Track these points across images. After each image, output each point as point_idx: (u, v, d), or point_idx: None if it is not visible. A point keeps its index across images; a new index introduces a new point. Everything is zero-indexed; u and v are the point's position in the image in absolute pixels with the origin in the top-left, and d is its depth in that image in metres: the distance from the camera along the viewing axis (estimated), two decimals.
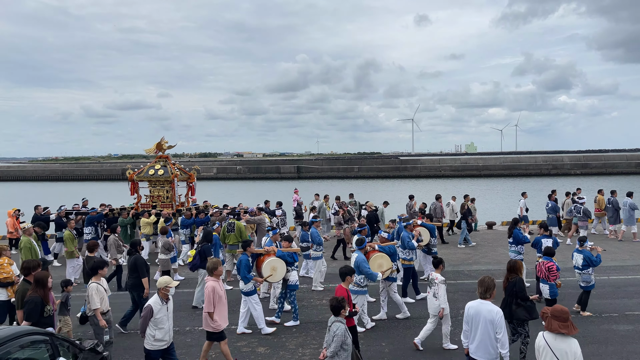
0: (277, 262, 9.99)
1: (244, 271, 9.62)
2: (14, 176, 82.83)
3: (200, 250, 11.22)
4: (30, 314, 6.92)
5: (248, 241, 10.23)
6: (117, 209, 17.78)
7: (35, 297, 7.02)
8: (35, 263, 8.14)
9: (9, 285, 9.22)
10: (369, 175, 70.96)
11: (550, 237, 11.52)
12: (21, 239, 12.06)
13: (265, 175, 75.23)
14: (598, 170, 66.40)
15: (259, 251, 10.37)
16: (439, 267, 8.91)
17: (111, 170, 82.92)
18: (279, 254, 10.13)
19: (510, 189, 47.19)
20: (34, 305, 6.95)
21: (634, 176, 60.33)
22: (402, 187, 50.94)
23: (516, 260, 8.26)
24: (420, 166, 73.58)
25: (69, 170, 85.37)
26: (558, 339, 5.14)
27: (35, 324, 6.85)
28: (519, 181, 57.78)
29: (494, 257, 16.22)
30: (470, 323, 6.12)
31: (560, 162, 70.71)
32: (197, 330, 9.89)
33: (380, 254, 10.11)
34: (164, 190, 18.04)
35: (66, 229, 14.68)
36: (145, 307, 6.96)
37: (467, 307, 6.24)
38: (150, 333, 6.96)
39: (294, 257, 10.36)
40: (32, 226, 12.82)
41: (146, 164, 19.06)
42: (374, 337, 9.39)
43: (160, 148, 18.65)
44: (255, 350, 8.88)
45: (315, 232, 13.19)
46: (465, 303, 6.47)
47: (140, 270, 9.82)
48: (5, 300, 9.21)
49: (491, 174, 68.02)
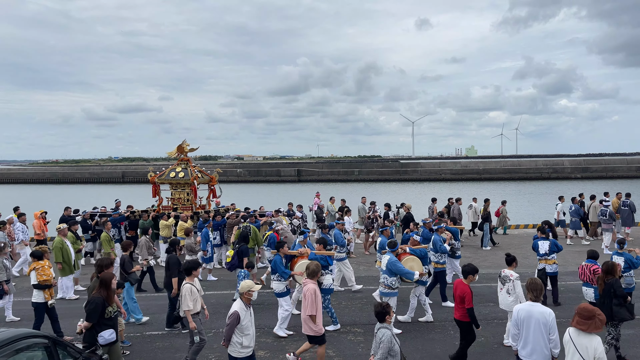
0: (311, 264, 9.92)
1: (280, 267, 9.65)
2: (15, 179, 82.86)
3: (238, 251, 11.53)
4: (91, 314, 6.79)
5: (282, 242, 10.26)
6: (138, 211, 17.73)
7: (97, 297, 6.90)
8: (108, 261, 8.07)
9: (48, 288, 9.35)
10: (369, 179, 70.94)
11: (547, 240, 11.49)
12: (54, 240, 12.40)
13: (265, 178, 75.23)
14: (598, 174, 66.36)
15: (292, 253, 10.32)
16: (512, 265, 9.01)
17: (111, 173, 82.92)
18: (312, 257, 10.08)
19: (511, 192, 47.17)
20: (94, 306, 6.82)
21: (634, 180, 60.28)
22: (403, 190, 50.92)
23: (613, 262, 8.26)
24: (420, 169, 73.57)
25: (69, 172, 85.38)
26: (581, 335, 5.43)
27: (96, 325, 6.76)
28: (519, 185, 57.79)
29: (494, 260, 16.19)
30: (521, 326, 6.13)
31: (561, 166, 70.69)
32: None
33: (411, 256, 10.11)
34: (185, 192, 18.06)
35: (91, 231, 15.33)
36: (232, 314, 6.66)
37: (516, 311, 6.25)
38: (237, 340, 6.70)
39: (327, 260, 10.30)
40: (66, 227, 12.90)
41: (167, 167, 19.10)
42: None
43: (182, 151, 18.62)
44: (255, 353, 8.83)
45: (339, 233, 13.13)
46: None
47: (172, 269, 9.88)
48: (43, 302, 9.31)
49: (491, 177, 67.99)
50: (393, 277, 9.47)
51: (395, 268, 9.42)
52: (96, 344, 7.24)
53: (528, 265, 15.28)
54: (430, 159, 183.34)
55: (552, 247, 11.28)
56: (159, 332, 10.05)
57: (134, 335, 9.85)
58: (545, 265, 11.37)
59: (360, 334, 9.74)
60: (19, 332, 5.63)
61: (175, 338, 9.69)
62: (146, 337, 9.76)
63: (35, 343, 5.65)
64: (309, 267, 8.10)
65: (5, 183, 79.09)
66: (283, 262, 9.93)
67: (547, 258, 11.34)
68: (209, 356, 8.75)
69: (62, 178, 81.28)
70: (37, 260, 9.58)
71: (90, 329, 6.78)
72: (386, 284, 9.51)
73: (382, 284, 9.64)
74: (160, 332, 10.04)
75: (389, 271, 9.46)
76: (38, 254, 9.70)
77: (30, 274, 9.48)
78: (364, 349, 8.97)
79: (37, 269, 9.42)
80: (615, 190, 22.40)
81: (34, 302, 9.36)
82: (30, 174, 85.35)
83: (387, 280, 9.52)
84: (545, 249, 11.36)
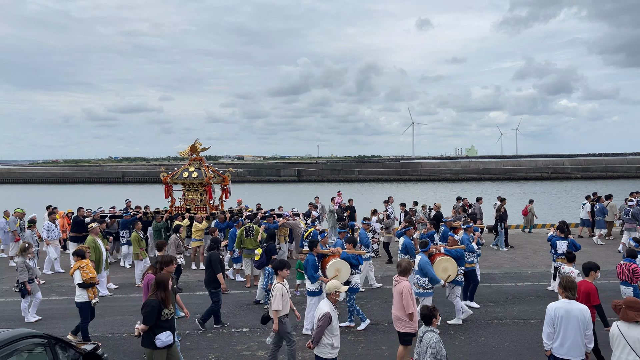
0: (342, 263, 9.88)
1: (310, 270, 9.65)
2: (15, 179, 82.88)
3: (266, 249, 11.66)
4: (147, 317, 6.62)
5: (315, 241, 10.22)
6: (151, 212, 17.43)
7: (154, 300, 6.70)
8: (169, 259, 7.95)
9: (91, 286, 9.34)
10: (369, 179, 70.94)
11: (565, 239, 11.56)
12: (87, 238, 12.44)
13: (265, 178, 75.25)
14: (598, 174, 66.40)
15: (324, 252, 10.29)
16: (572, 262, 9.33)
17: (111, 173, 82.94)
18: (343, 256, 10.06)
19: (510, 192, 47.16)
20: (150, 308, 6.63)
21: (634, 180, 60.27)
22: (403, 190, 50.91)
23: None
24: (420, 169, 73.59)
25: (69, 173, 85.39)
26: (631, 328, 5.58)
27: (154, 327, 6.64)
28: (519, 185, 57.78)
29: (494, 260, 16.20)
30: (558, 324, 6.17)
31: (561, 166, 70.71)
32: (196, 334, 9.87)
33: (445, 257, 10.03)
34: (198, 193, 17.72)
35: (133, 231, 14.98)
36: (324, 315, 6.54)
37: (552, 309, 6.27)
38: (328, 342, 6.59)
39: (358, 259, 10.31)
40: (98, 225, 12.89)
41: (180, 167, 18.68)
42: (374, 341, 9.36)
43: (195, 150, 18.24)
44: (254, 354, 8.85)
45: (364, 233, 13.13)
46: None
47: (215, 266, 9.91)
48: (87, 301, 9.29)
49: (491, 177, 68.02)
50: (426, 277, 9.50)
51: (425, 269, 9.45)
52: (97, 344, 7.26)
53: (528, 265, 15.30)
54: (430, 159, 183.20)
55: (570, 247, 11.38)
56: None
57: (128, 335, 9.83)
58: (562, 265, 11.42)
59: (360, 334, 9.74)
60: (19, 332, 5.63)
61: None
62: None
63: (35, 343, 5.66)
64: (400, 265, 7.91)
65: (5, 183, 79.12)
66: (316, 261, 9.87)
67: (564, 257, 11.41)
68: (208, 356, 8.76)
69: (62, 178, 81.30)
70: (80, 259, 9.45)
71: (148, 332, 6.66)
72: (419, 284, 9.54)
73: (416, 284, 9.65)
74: None
75: (420, 271, 9.50)
76: (81, 253, 9.57)
77: (73, 273, 9.33)
78: (364, 349, 8.97)
79: (81, 267, 9.30)
80: (615, 191, 22.44)
81: (79, 302, 9.26)
82: (30, 174, 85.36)
83: (419, 280, 9.55)
84: (564, 248, 11.46)
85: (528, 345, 9.02)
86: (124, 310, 11.48)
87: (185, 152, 18.45)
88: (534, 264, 15.46)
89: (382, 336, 9.63)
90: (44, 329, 9.23)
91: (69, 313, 11.10)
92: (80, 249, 9.77)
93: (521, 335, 9.53)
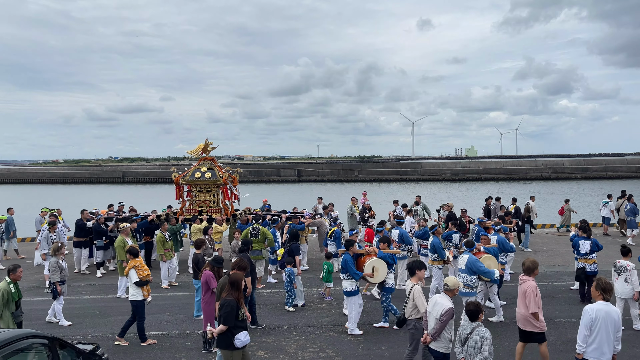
0: (379, 262, 9.90)
1: (352, 268, 9.67)
2: (15, 179, 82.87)
3: (289, 249, 11.75)
4: (227, 317, 6.55)
5: (351, 241, 10.27)
6: (164, 214, 16.60)
7: (232, 300, 6.64)
8: (245, 264, 7.87)
9: (146, 284, 9.41)
10: (369, 179, 70.92)
11: (588, 239, 11.63)
12: (117, 239, 12.40)
13: (265, 178, 75.22)
14: (598, 174, 66.37)
15: (360, 251, 10.31)
16: (627, 255, 9.60)
17: (111, 173, 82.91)
18: (380, 255, 10.07)
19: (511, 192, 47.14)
20: (230, 309, 6.57)
21: (634, 180, 60.27)
22: (403, 190, 50.91)
23: None
24: (420, 170, 73.56)
25: (69, 173, 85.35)
26: None
27: (232, 327, 6.57)
28: (519, 185, 57.76)
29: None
30: (597, 327, 6.01)
31: (561, 166, 70.70)
32: (196, 334, 9.87)
33: (487, 255, 10.23)
34: (211, 194, 16.77)
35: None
36: (448, 310, 6.55)
37: (591, 311, 6.06)
38: (448, 336, 6.64)
39: (394, 258, 10.32)
40: (129, 226, 12.85)
41: (183, 167, 17.96)
42: (374, 341, 9.37)
43: (206, 150, 17.30)
44: (255, 354, 8.85)
45: (405, 232, 13.24)
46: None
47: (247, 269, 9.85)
48: (142, 299, 9.34)
49: (491, 177, 67.99)
50: (473, 276, 9.57)
51: (475, 267, 9.51)
52: (96, 345, 7.26)
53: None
54: (430, 159, 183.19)
55: (592, 247, 11.45)
56: (159, 332, 10.05)
57: (134, 335, 9.86)
58: (585, 265, 11.55)
59: (360, 334, 9.75)
60: (19, 332, 5.64)
61: (175, 338, 9.70)
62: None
63: (36, 343, 5.66)
64: (524, 264, 7.84)
65: (5, 183, 79.12)
66: (353, 260, 9.91)
67: (587, 257, 11.51)
68: (208, 356, 8.76)
69: (62, 178, 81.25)
70: (134, 258, 9.51)
71: (226, 332, 6.58)
72: (465, 283, 9.59)
73: (461, 283, 9.69)
74: (160, 332, 10.05)
75: (468, 270, 9.56)
76: (134, 252, 9.64)
77: (129, 272, 9.38)
78: (364, 349, 8.98)
79: (136, 266, 9.37)
80: (613, 191, 22.51)
81: (134, 300, 9.30)
82: (30, 174, 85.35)
83: (466, 279, 9.60)
84: (587, 248, 11.53)
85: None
86: (124, 311, 11.45)
87: (194, 151, 17.61)
88: None
89: (382, 336, 9.63)
90: (46, 330, 9.25)
91: (69, 314, 11.11)
92: (134, 247, 9.91)
93: None
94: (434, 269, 11.83)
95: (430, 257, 11.91)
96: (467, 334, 6.13)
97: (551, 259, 16.42)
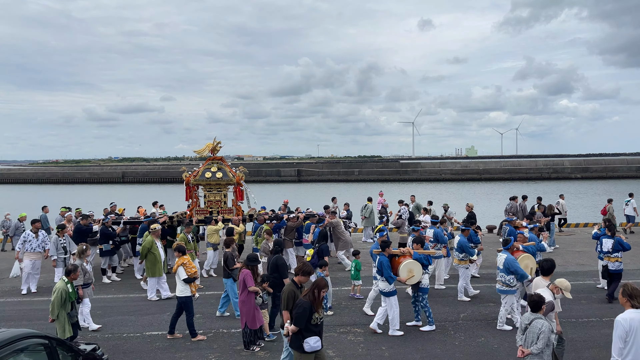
0: (414, 264, 9.82)
1: (387, 271, 9.66)
2: (15, 179, 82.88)
3: (318, 250, 11.58)
4: (298, 318, 6.50)
5: (387, 242, 10.20)
6: (176, 217, 16.21)
7: (306, 302, 6.57)
8: (309, 269, 7.70)
9: (194, 281, 9.52)
10: (369, 179, 70.93)
11: (611, 238, 11.72)
12: (146, 240, 12.26)
13: (265, 178, 75.23)
14: (599, 174, 66.41)
15: (395, 252, 10.27)
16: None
17: (111, 173, 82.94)
18: (415, 256, 10.00)
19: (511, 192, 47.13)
20: (302, 310, 6.50)
21: (634, 180, 60.29)
22: (402, 190, 50.91)
23: None
24: (420, 169, 73.59)
25: (69, 173, 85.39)
26: None
27: (303, 330, 6.49)
28: (519, 185, 57.76)
29: (494, 260, 16.14)
30: (632, 337, 5.61)
31: (561, 166, 70.74)
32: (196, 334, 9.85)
33: (526, 254, 10.23)
34: (221, 194, 16.46)
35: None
36: (549, 302, 6.69)
37: (626, 322, 5.63)
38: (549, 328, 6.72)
39: (429, 259, 10.28)
40: (160, 228, 12.73)
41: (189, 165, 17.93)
42: (374, 341, 9.36)
43: (215, 150, 16.97)
44: (255, 354, 8.84)
45: (440, 232, 13.28)
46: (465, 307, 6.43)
47: (282, 270, 9.85)
48: (190, 295, 9.43)
49: (491, 177, 68.01)
50: (510, 275, 9.59)
51: (512, 267, 9.54)
52: (96, 345, 7.26)
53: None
54: (430, 159, 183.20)
55: (615, 246, 11.51)
56: (159, 332, 10.04)
57: (134, 335, 9.86)
58: (608, 263, 11.66)
59: (360, 334, 9.73)
60: (19, 332, 5.64)
61: (175, 338, 9.68)
62: (146, 337, 9.75)
63: (35, 343, 5.66)
64: None
65: (5, 183, 79.13)
66: (389, 263, 9.84)
67: (610, 255, 11.60)
68: (209, 356, 8.75)
69: (62, 178, 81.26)
70: (182, 255, 9.65)
71: (297, 334, 6.55)
72: (503, 281, 9.64)
73: (500, 281, 9.76)
74: (160, 332, 10.04)
75: (505, 269, 9.59)
76: (182, 249, 9.78)
77: (177, 269, 9.52)
78: (364, 349, 8.97)
79: (184, 264, 9.51)
80: (615, 191, 22.54)
81: (182, 297, 9.41)
82: (30, 174, 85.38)
83: (504, 278, 9.64)
84: (609, 246, 11.63)
85: None
86: (124, 311, 11.48)
87: (202, 150, 17.28)
88: None
89: (382, 336, 9.62)
90: (45, 330, 9.24)
91: None
92: (181, 245, 10.02)
93: None
94: (460, 269, 11.95)
95: (457, 256, 12.01)
96: (527, 324, 6.25)
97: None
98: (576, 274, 14.23)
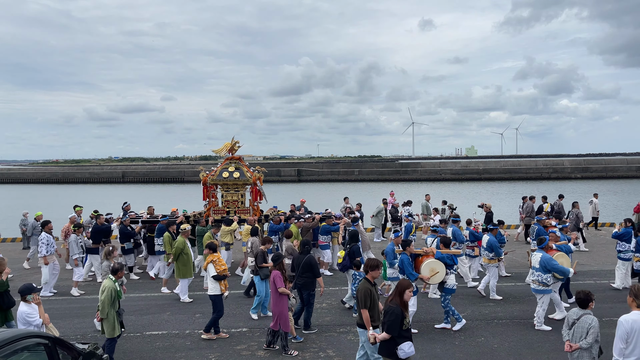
0: (437, 264, 9.79)
1: (408, 269, 9.66)
2: (15, 179, 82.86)
3: (349, 251, 11.53)
4: (391, 326, 6.24)
5: (408, 241, 10.22)
6: (192, 216, 15.98)
7: (396, 307, 6.31)
8: (375, 263, 7.47)
9: (223, 279, 9.56)
10: (369, 179, 70.93)
11: (634, 237, 12.08)
12: (177, 240, 12.20)
13: (265, 178, 74.97)
14: (599, 174, 66.42)
15: (417, 252, 10.26)
16: None
17: (111, 173, 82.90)
18: (438, 256, 10.00)
19: (511, 192, 47.15)
20: (394, 317, 6.25)
21: (634, 180, 60.30)
22: (402, 190, 50.90)
23: None
24: (420, 169, 73.57)
25: (69, 172, 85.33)
26: None
27: (396, 337, 6.26)
28: (519, 185, 57.77)
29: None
30: (633, 339, 5.67)
31: (561, 166, 70.72)
32: (196, 334, 9.87)
33: (560, 253, 10.27)
34: (239, 194, 16.40)
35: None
36: None
37: (627, 323, 5.69)
38: None
39: (453, 259, 10.23)
40: (190, 228, 12.67)
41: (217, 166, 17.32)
42: None
43: (233, 150, 16.91)
44: (255, 354, 8.85)
45: (458, 230, 13.33)
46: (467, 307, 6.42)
47: (315, 270, 9.90)
48: (219, 294, 9.50)
49: (491, 177, 68.01)
50: (548, 274, 9.61)
51: (550, 265, 9.56)
52: (96, 344, 7.25)
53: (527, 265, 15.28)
54: (430, 159, 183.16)
55: (637, 246, 11.76)
56: (159, 332, 10.05)
57: (134, 335, 9.86)
58: (632, 262, 12.06)
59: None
60: (19, 332, 5.63)
61: (175, 338, 9.69)
62: (146, 337, 9.75)
63: (35, 343, 5.65)
64: None
65: (5, 183, 79.14)
66: (411, 261, 9.84)
67: (635, 254, 11.94)
68: (209, 356, 8.76)
69: (62, 178, 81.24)
70: (212, 253, 9.75)
71: (389, 341, 6.31)
72: (540, 281, 9.65)
73: (536, 281, 9.76)
74: (160, 332, 10.04)
75: (542, 268, 9.60)
76: (213, 247, 9.87)
77: (207, 267, 9.61)
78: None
79: (214, 261, 9.59)
80: (615, 191, 22.51)
81: (212, 295, 9.50)
82: (30, 174, 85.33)
83: (541, 277, 9.64)
84: (631, 246, 12.02)
85: (528, 345, 9.02)
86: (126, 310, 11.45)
87: (220, 150, 17.15)
88: None
89: None
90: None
91: (69, 313, 11.11)
92: (213, 242, 10.09)
93: (521, 335, 9.53)
94: (490, 268, 12.01)
95: (486, 255, 12.07)
96: (575, 319, 6.29)
97: None
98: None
